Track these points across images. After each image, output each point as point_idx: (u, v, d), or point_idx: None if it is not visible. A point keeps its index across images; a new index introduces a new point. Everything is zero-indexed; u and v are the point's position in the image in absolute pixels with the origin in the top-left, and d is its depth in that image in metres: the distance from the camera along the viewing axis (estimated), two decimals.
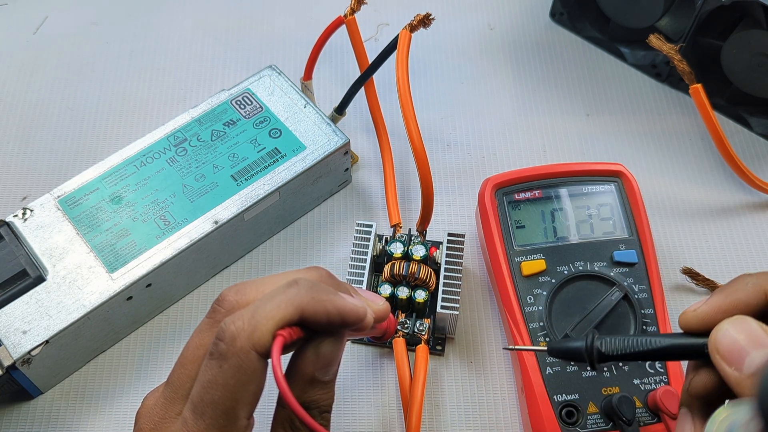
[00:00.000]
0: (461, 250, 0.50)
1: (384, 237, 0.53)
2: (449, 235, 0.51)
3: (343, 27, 0.53)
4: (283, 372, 0.34)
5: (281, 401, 0.36)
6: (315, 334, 0.35)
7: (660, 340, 0.37)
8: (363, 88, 0.54)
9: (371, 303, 0.39)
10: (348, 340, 0.46)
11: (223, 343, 0.33)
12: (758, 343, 0.33)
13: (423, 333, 0.49)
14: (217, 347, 0.33)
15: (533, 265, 0.49)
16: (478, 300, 0.53)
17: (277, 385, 0.32)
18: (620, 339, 0.38)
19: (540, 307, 0.48)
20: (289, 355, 0.36)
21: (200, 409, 0.33)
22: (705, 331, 0.36)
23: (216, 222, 0.50)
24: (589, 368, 0.39)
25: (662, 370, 0.46)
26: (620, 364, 0.46)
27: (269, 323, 0.33)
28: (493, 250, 0.50)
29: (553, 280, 0.48)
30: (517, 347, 0.45)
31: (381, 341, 0.48)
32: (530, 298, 0.48)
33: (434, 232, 0.55)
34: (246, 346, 0.32)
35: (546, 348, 0.40)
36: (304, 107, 0.55)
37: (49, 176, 0.57)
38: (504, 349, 0.49)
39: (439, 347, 0.51)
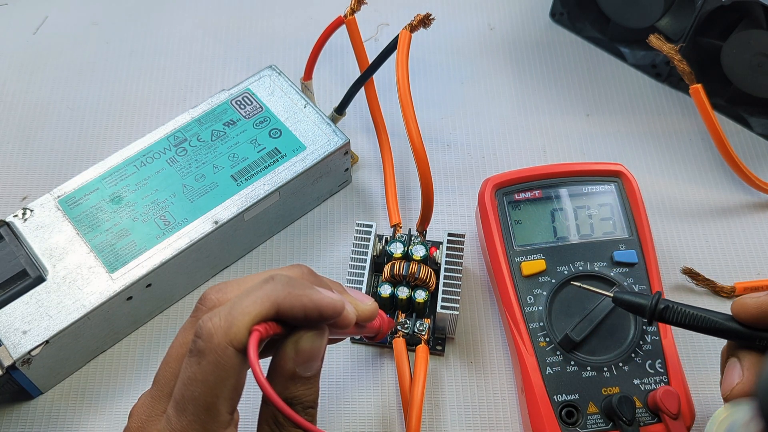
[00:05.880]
0: (461, 250, 0.50)
1: (384, 237, 0.53)
2: (449, 235, 0.51)
3: (343, 27, 0.53)
4: (266, 368, 0.34)
5: (266, 398, 0.36)
6: (294, 330, 0.35)
7: (721, 323, 0.40)
8: (363, 88, 0.54)
9: (358, 302, 0.39)
10: (342, 338, 0.46)
11: (201, 340, 0.33)
12: None
13: (423, 333, 0.49)
14: (195, 344, 0.33)
15: (533, 265, 0.49)
16: (478, 300, 0.53)
17: (255, 379, 0.32)
18: (683, 308, 0.41)
19: (540, 307, 0.48)
20: None
21: (182, 405, 0.33)
22: (757, 320, 0.39)
23: (216, 222, 0.50)
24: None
25: (662, 371, 0.46)
26: (620, 363, 0.46)
27: (245, 319, 0.33)
28: (493, 250, 0.50)
29: (553, 280, 0.48)
30: (584, 286, 0.46)
31: (375, 341, 0.48)
32: (530, 298, 0.48)
33: (434, 232, 0.55)
34: (223, 343, 0.33)
35: (612, 295, 0.43)
36: (304, 107, 0.55)
37: (49, 176, 0.57)
38: (572, 283, 0.48)
39: (439, 347, 0.51)
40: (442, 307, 0.48)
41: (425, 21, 0.48)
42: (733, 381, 0.39)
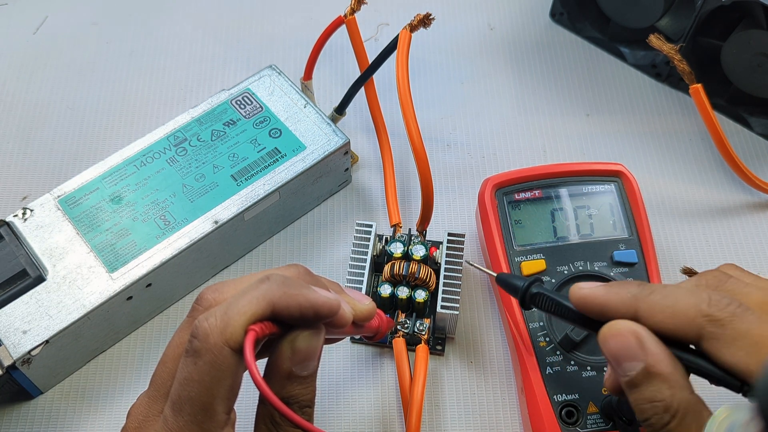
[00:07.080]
0: (461, 250, 0.50)
1: (384, 237, 0.53)
2: (449, 235, 0.51)
3: (343, 27, 0.53)
4: (263, 369, 0.34)
5: (263, 398, 0.36)
6: (291, 329, 0.35)
7: (575, 313, 0.40)
8: (363, 88, 0.54)
9: (355, 302, 0.39)
10: (341, 338, 0.46)
11: (197, 340, 0.33)
12: (632, 356, 0.36)
13: (423, 333, 0.49)
14: (191, 344, 0.33)
15: (533, 265, 0.49)
16: (478, 300, 0.53)
17: (251, 378, 0.32)
18: (553, 297, 0.41)
19: None
20: None
21: (178, 406, 0.34)
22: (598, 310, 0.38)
23: (216, 222, 0.50)
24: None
25: None
26: None
27: (241, 319, 0.33)
28: (493, 250, 0.50)
29: (553, 280, 0.48)
30: (474, 264, 0.47)
31: (375, 341, 0.48)
32: None
33: (434, 232, 0.55)
34: (219, 342, 0.33)
35: (495, 274, 0.44)
36: (304, 107, 0.55)
37: (49, 176, 0.57)
38: (465, 261, 0.49)
39: (439, 347, 0.51)
40: (442, 307, 0.48)
41: (425, 21, 0.48)
42: (607, 376, 0.39)
